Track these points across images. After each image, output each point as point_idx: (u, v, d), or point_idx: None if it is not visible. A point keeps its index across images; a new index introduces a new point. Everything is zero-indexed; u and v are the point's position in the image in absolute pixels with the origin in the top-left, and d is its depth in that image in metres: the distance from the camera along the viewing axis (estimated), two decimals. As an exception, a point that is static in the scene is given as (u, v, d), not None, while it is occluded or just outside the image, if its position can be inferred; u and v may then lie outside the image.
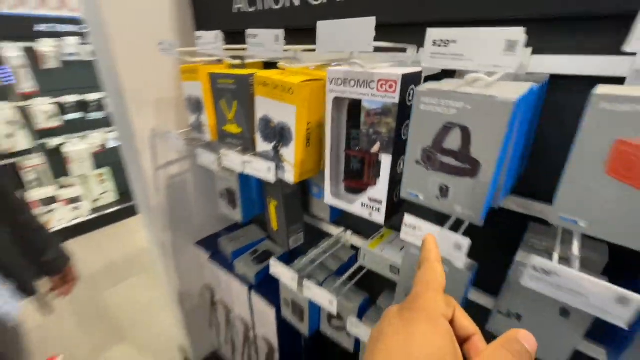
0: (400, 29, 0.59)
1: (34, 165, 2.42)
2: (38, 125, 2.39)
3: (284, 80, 0.57)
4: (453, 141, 0.39)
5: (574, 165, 0.35)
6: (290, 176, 0.63)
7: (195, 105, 0.85)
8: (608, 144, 0.32)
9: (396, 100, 0.46)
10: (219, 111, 0.76)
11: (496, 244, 0.60)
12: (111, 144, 2.80)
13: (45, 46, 2.31)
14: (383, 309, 0.74)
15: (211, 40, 0.62)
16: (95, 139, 2.73)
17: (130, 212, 2.94)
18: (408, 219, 0.50)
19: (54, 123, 2.46)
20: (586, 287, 0.36)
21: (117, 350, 1.72)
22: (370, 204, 0.56)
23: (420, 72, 0.49)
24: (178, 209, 1.17)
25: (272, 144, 0.64)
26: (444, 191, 0.43)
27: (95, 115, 2.69)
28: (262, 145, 0.67)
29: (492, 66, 0.36)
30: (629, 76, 0.38)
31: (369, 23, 0.41)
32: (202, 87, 0.79)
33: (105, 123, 2.78)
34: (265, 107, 0.63)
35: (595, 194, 0.34)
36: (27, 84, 2.28)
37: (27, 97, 2.33)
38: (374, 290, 0.84)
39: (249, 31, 0.57)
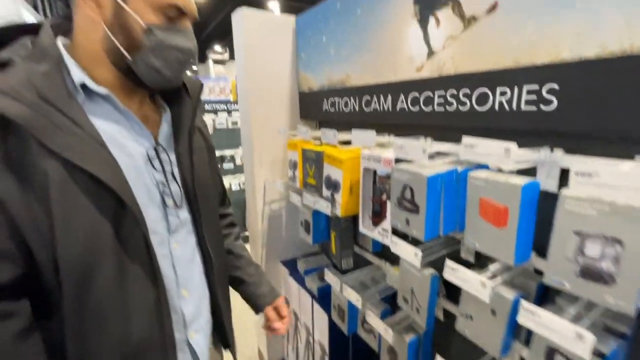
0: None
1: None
2: (193, 170, 3.43)
3: (338, 156, 1.00)
4: (407, 194, 0.74)
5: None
6: (339, 211, 1.02)
7: (293, 165, 1.36)
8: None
9: (389, 170, 0.83)
10: (305, 170, 1.23)
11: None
12: (234, 188, 3.71)
13: (207, 119, 3.42)
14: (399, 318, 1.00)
15: (304, 131, 1.12)
16: (225, 183, 3.67)
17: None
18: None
19: (202, 170, 3.48)
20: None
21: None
22: (381, 231, 0.90)
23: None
24: (273, 234, 1.67)
25: (330, 191, 1.06)
26: (406, 222, 0.76)
27: (227, 166, 3.67)
28: (325, 192, 1.09)
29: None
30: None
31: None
32: (298, 154, 1.30)
33: (232, 171, 3.75)
34: (328, 170, 1.06)
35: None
36: (192, 143, 3.38)
37: (191, 151, 3.42)
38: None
39: (323, 130, 1.05)
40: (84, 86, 0.57)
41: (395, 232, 0.87)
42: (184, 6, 0.59)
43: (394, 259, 1.18)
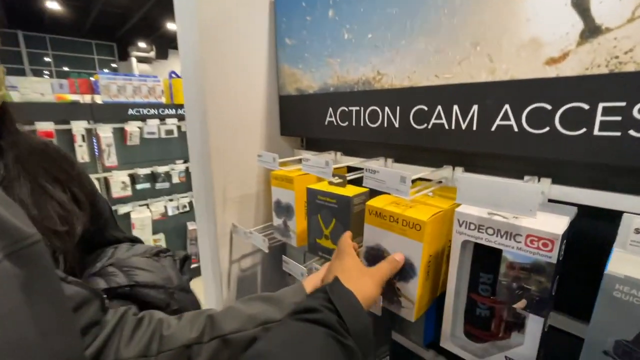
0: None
1: (103, 230, 2.60)
2: (114, 193, 2.63)
3: (408, 215, 0.54)
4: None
5: None
6: (410, 313, 0.57)
7: (285, 210, 0.86)
8: None
9: (553, 260, 0.41)
10: (314, 224, 0.75)
11: None
12: (171, 212, 2.98)
13: (132, 127, 2.66)
14: None
15: (321, 165, 0.64)
16: (159, 207, 2.91)
17: (178, 279, 2.97)
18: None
19: (127, 192, 2.70)
20: None
21: None
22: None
23: (568, 221, 0.45)
24: (244, 302, 1.14)
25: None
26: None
27: (161, 185, 2.93)
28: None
29: None
30: None
31: (535, 190, 0.38)
32: (296, 196, 0.81)
33: (167, 192, 3.01)
34: (377, 237, 0.60)
35: None
36: (111, 158, 2.58)
37: (108, 169, 2.62)
38: None
39: (365, 164, 0.58)
40: None
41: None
42: None
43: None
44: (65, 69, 10.28)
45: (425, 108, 0.67)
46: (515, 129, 0.55)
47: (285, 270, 0.85)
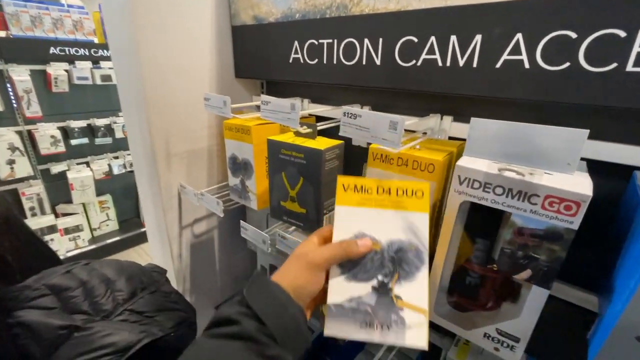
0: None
1: (34, 192, 2.27)
2: (42, 150, 2.25)
3: (422, 156, 0.47)
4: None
5: None
6: None
7: (241, 168, 0.72)
8: None
9: (574, 226, 0.33)
10: (277, 183, 0.63)
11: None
12: (116, 170, 2.66)
13: (57, 70, 2.22)
14: None
15: (286, 109, 0.50)
16: (101, 165, 2.59)
17: (129, 242, 2.77)
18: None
19: (59, 149, 2.33)
20: None
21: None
22: (499, 337, 0.42)
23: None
24: (201, 271, 1.02)
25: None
26: None
27: (102, 141, 2.57)
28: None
29: None
30: None
31: (580, 135, 0.28)
32: (254, 150, 0.67)
33: (111, 148, 2.66)
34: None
35: None
36: (33, 107, 2.17)
37: (31, 121, 2.21)
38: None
39: (343, 108, 0.45)
40: None
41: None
42: None
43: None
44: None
45: (415, 39, 0.54)
46: (527, 65, 0.44)
47: (244, 236, 0.73)
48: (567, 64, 0.41)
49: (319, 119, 0.79)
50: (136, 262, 0.45)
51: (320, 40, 0.66)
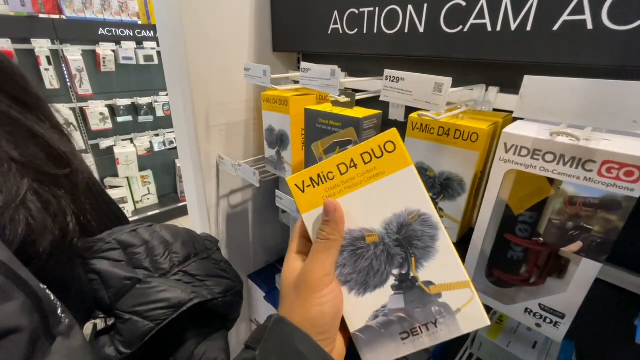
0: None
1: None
2: (93, 126, 2.43)
3: (465, 124, 0.47)
4: None
5: None
6: (453, 234, 0.51)
7: (278, 139, 0.74)
8: None
9: (636, 193, 0.31)
10: (313, 154, 0.64)
11: None
12: (157, 147, 2.82)
13: (106, 50, 2.35)
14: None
15: (326, 76, 0.50)
16: (143, 142, 2.75)
17: (168, 216, 2.95)
18: None
19: (107, 125, 2.50)
20: None
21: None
22: (541, 312, 0.41)
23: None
24: (235, 240, 1.07)
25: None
26: None
27: (144, 119, 2.72)
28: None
29: None
30: None
31: None
32: (291, 121, 0.68)
33: (152, 126, 2.81)
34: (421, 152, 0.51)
35: None
36: (85, 85, 2.33)
37: (83, 99, 2.38)
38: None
39: (386, 71, 0.45)
40: None
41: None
42: None
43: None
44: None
45: (463, 3, 0.51)
46: (590, 26, 0.41)
47: (279, 206, 0.75)
48: (638, 22, 0.37)
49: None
50: (192, 230, 0.47)
51: (362, 9, 0.65)
